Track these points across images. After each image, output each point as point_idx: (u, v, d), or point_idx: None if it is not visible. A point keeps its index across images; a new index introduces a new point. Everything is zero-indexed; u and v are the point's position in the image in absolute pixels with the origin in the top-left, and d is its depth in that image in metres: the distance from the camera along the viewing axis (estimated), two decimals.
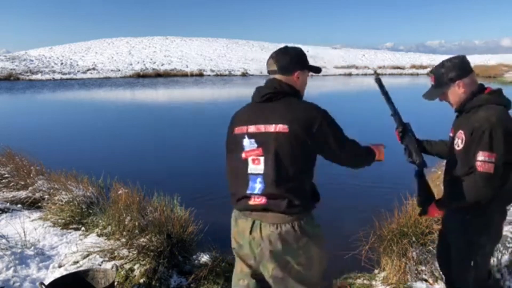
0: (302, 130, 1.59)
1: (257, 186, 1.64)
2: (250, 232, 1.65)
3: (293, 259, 1.63)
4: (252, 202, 1.65)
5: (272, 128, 1.62)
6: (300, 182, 1.65)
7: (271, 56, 1.77)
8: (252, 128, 1.68)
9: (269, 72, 1.78)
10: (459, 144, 1.86)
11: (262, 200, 1.62)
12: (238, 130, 1.73)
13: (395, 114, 2.09)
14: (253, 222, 1.65)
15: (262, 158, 1.64)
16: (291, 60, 1.74)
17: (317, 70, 1.84)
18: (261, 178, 1.63)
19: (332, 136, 1.64)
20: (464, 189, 1.80)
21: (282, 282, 1.66)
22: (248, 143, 1.68)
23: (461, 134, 1.85)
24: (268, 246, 1.61)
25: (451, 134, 1.99)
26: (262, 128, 1.65)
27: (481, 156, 1.73)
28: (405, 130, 2.08)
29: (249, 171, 1.67)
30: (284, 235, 1.59)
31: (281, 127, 1.60)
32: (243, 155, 1.69)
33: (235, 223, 1.74)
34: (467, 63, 1.90)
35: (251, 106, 1.77)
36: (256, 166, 1.65)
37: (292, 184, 1.62)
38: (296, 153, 1.61)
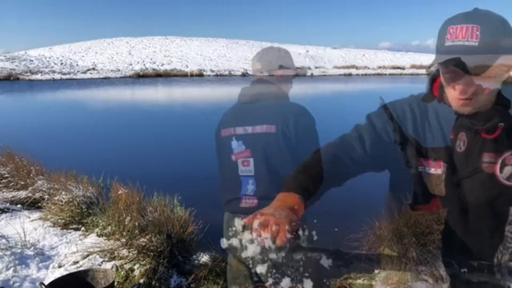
0: (287, 129, 1.59)
1: (250, 187, 1.64)
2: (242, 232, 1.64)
3: (285, 260, 1.62)
4: (243, 204, 1.65)
5: (259, 129, 1.62)
6: None
7: (255, 56, 1.78)
8: (239, 130, 1.67)
9: (254, 71, 1.77)
10: (461, 146, 1.86)
11: (253, 203, 1.62)
12: (225, 132, 1.73)
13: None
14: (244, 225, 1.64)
15: (251, 160, 1.64)
16: (275, 59, 1.73)
17: (302, 71, 1.87)
18: (253, 179, 1.64)
19: (312, 137, 1.65)
20: (471, 190, 1.80)
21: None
22: (236, 145, 1.68)
23: (463, 136, 1.85)
24: (260, 248, 1.59)
25: (452, 137, 1.99)
26: (249, 129, 1.65)
27: (486, 158, 1.73)
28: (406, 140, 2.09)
29: (240, 173, 1.67)
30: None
31: (268, 128, 1.60)
32: (233, 157, 1.69)
33: (228, 224, 1.74)
34: None
35: (237, 108, 1.77)
36: (246, 168, 1.65)
37: None
38: (285, 153, 1.61)
